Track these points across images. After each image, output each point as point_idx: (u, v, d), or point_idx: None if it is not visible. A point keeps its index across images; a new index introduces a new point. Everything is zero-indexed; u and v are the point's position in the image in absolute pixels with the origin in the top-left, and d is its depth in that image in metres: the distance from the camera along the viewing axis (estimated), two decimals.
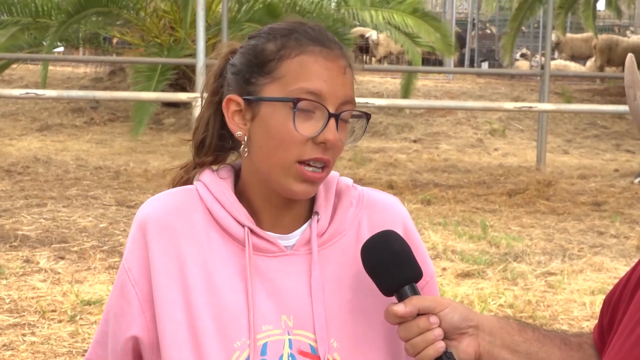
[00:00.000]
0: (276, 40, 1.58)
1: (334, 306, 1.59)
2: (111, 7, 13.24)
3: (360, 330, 1.60)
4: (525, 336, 1.59)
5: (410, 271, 1.53)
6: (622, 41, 19.79)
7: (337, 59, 1.58)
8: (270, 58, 1.57)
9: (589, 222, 8.34)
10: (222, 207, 1.61)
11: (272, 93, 1.55)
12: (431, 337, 1.49)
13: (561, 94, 17.17)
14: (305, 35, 1.58)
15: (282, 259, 1.60)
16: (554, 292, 6.15)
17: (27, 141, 12.26)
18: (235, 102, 1.59)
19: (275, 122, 1.54)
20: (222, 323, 1.56)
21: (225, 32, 9.82)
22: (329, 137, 1.54)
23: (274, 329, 1.57)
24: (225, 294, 1.57)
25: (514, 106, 10.09)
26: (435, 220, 8.14)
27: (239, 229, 1.60)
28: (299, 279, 1.59)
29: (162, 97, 11.60)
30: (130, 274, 1.60)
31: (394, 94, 16.32)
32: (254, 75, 1.58)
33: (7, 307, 5.53)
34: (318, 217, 1.62)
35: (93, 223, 7.64)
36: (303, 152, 1.54)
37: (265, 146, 1.56)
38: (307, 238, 1.61)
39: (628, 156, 12.80)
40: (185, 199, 1.63)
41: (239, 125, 1.59)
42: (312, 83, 1.54)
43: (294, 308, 1.58)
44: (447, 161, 11.85)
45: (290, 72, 1.55)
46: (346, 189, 1.68)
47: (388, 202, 1.71)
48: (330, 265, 1.61)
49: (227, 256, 1.59)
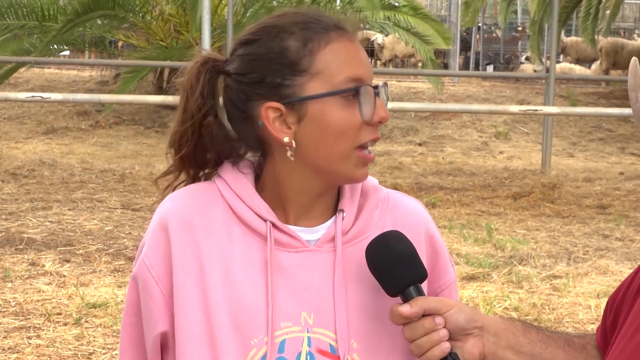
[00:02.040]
0: (295, 35, 1.55)
1: (356, 306, 1.57)
2: (117, 10, 13.26)
3: (380, 332, 1.58)
4: (529, 337, 1.59)
5: (415, 272, 1.53)
6: (627, 44, 19.78)
7: (354, 37, 1.58)
8: (301, 55, 1.53)
9: (594, 225, 8.33)
10: (242, 202, 1.58)
11: (316, 89, 1.52)
12: (436, 337, 1.49)
13: (566, 97, 17.16)
14: (319, 23, 1.57)
15: (304, 254, 1.58)
16: (559, 295, 6.15)
17: (33, 144, 12.27)
18: (273, 109, 1.54)
19: (332, 115, 1.52)
20: (240, 319, 1.54)
21: (231, 36, 9.83)
22: (382, 115, 1.55)
23: (293, 326, 1.55)
24: (244, 289, 1.55)
25: (519, 109, 10.08)
26: (440, 224, 8.14)
27: (261, 223, 1.57)
28: (321, 276, 1.57)
29: (167, 101, 11.61)
30: (153, 270, 1.58)
31: (399, 97, 16.32)
32: (287, 77, 1.53)
33: (13, 310, 5.54)
34: (343, 215, 1.60)
35: (98, 226, 7.65)
36: (361, 137, 1.54)
37: (322, 142, 1.53)
38: (332, 235, 1.59)
39: (633, 159, 12.78)
40: (206, 195, 1.61)
41: (283, 131, 1.54)
42: (353, 69, 1.54)
43: (315, 305, 1.56)
44: (452, 164, 11.85)
45: (328, 64, 1.53)
46: (373, 190, 1.65)
47: (412, 206, 1.68)
48: (353, 264, 1.58)
49: (248, 251, 1.57)
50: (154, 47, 14.42)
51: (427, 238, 1.65)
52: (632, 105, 1.46)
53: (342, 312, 1.56)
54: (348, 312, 1.56)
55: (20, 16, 13.63)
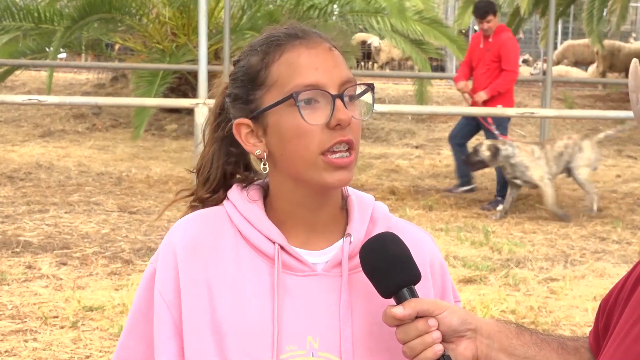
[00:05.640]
0: (257, 51, 1.59)
1: (361, 331, 1.57)
2: (114, 13, 13.25)
3: (387, 358, 1.59)
4: (523, 340, 1.59)
5: (408, 274, 1.53)
6: (624, 47, 19.79)
7: (318, 44, 1.57)
8: (258, 69, 1.57)
9: (591, 228, 8.34)
10: (251, 226, 1.60)
11: (271, 100, 1.55)
12: (429, 339, 1.49)
13: (563, 99, 17.17)
14: (279, 35, 1.58)
15: (312, 278, 1.58)
16: (556, 298, 6.15)
17: (30, 147, 12.27)
18: (244, 125, 1.59)
19: (286, 124, 1.54)
20: (247, 341, 1.54)
21: (227, 39, 9.83)
22: (341, 117, 1.52)
23: (298, 349, 1.55)
24: (251, 312, 1.55)
25: (516, 112, 10.09)
26: (437, 226, 8.14)
27: (270, 246, 1.58)
28: (327, 300, 1.57)
29: (164, 103, 11.62)
30: (163, 295, 1.59)
31: (395, 100, 16.33)
32: (250, 92, 1.58)
33: (9, 313, 5.54)
34: (351, 239, 1.61)
35: (95, 229, 7.65)
36: (323, 142, 1.53)
37: (285, 151, 1.55)
38: (339, 260, 1.59)
39: (630, 162, 12.79)
40: (215, 220, 1.62)
41: (255, 145, 1.59)
42: (305, 76, 1.54)
43: (321, 330, 1.56)
44: (449, 167, 11.84)
45: (280, 74, 1.55)
46: (383, 217, 1.66)
47: (419, 237, 1.68)
48: (360, 290, 1.59)
49: (255, 274, 1.58)
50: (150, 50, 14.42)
51: (432, 271, 1.65)
52: (632, 107, 1.47)
53: (348, 336, 1.56)
54: (354, 337, 1.57)
55: (17, 18, 13.62)
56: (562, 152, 8.86)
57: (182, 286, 1.58)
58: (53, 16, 13.71)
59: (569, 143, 8.95)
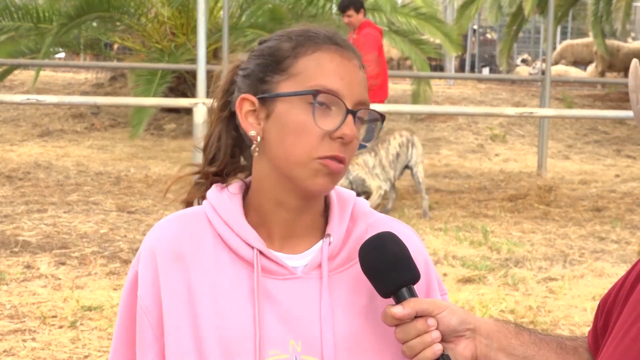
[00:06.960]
0: (291, 39, 1.58)
1: (344, 333, 1.57)
2: (112, 12, 13.26)
3: (369, 358, 1.58)
4: (522, 339, 1.59)
5: (408, 273, 1.53)
6: (623, 47, 19.80)
7: (351, 58, 1.58)
8: (286, 55, 1.56)
9: (589, 228, 8.34)
10: (230, 230, 1.58)
11: (287, 89, 1.54)
12: (429, 339, 1.48)
13: (562, 99, 17.18)
14: (319, 34, 1.58)
15: (292, 281, 1.57)
16: (555, 298, 6.15)
17: (28, 147, 12.27)
18: (249, 102, 1.58)
19: (294, 117, 1.53)
20: (228, 347, 1.54)
21: (226, 38, 9.83)
22: (346, 132, 1.52)
23: (282, 354, 1.55)
24: (232, 317, 1.55)
25: (514, 112, 10.10)
26: (436, 226, 8.15)
27: (248, 251, 1.57)
28: (308, 303, 1.57)
29: (163, 103, 11.61)
30: (142, 301, 1.59)
31: (394, 100, 16.32)
32: (269, 74, 1.56)
33: (8, 312, 5.54)
34: (330, 240, 1.60)
35: (94, 229, 7.65)
36: (320, 149, 1.52)
37: (282, 143, 1.54)
38: (318, 262, 1.59)
39: (629, 161, 12.80)
40: (194, 223, 1.61)
41: (252, 125, 1.57)
42: (331, 80, 1.53)
43: (303, 333, 1.56)
44: (448, 167, 11.86)
45: (307, 69, 1.54)
46: (363, 215, 1.65)
47: (403, 232, 1.65)
48: (342, 290, 1.58)
49: (236, 278, 1.57)
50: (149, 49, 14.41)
51: (418, 265, 1.62)
52: (632, 107, 1.46)
53: (329, 339, 1.55)
54: (336, 338, 1.56)
55: (16, 18, 13.62)
56: (398, 153, 8.80)
57: (163, 291, 1.57)
58: (52, 16, 13.70)
59: (402, 141, 8.89)
